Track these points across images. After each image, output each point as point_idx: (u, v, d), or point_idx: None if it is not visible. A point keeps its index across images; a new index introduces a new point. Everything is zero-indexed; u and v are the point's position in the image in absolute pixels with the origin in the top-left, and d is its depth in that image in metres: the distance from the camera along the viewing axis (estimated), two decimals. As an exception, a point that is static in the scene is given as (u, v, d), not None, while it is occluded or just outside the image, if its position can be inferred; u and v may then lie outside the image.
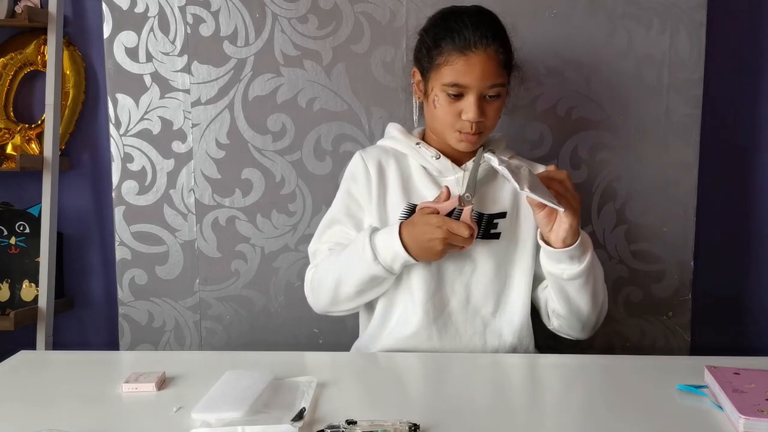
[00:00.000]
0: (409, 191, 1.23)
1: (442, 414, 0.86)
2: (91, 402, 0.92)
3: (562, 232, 1.10)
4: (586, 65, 1.52)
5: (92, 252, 1.89)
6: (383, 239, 1.13)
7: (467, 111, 1.15)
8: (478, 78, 1.14)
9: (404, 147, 1.26)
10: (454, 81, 1.15)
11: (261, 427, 0.80)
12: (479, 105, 1.16)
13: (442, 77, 1.16)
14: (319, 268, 1.23)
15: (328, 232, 1.27)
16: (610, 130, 1.53)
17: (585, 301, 1.17)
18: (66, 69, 1.81)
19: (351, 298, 1.19)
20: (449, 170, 1.23)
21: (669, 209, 1.54)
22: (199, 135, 1.54)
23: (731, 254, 1.79)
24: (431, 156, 1.23)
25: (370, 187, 1.24)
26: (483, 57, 1.14)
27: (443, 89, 1.17)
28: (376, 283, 1.17)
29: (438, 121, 1.21)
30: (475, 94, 1.15)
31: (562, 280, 1.15)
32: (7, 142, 1.82)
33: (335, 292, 1.19)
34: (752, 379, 0.91)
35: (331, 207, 1.30)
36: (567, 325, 1.24)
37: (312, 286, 1.25)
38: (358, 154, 1.28)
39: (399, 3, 1.50)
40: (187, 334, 1.59)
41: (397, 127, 1.30)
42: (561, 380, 1.01)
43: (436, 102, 1.19)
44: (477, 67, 1.14)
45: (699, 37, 1.50)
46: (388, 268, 1.13)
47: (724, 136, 1.73)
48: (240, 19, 1.51)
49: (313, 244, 1.29)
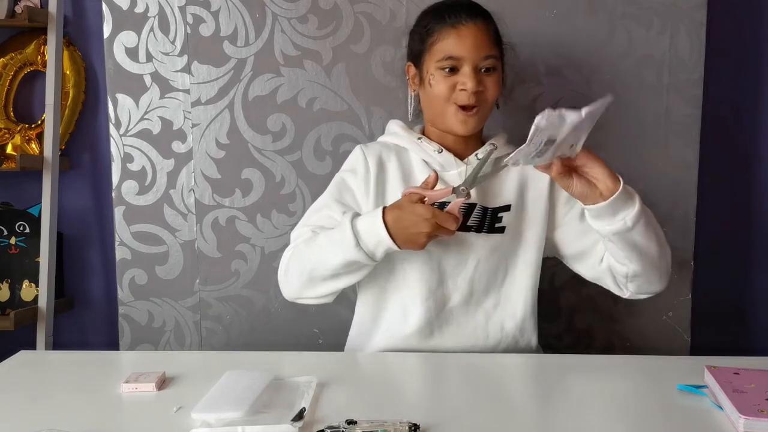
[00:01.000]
0: (410, 185, 1.22)
1: (442, 414, 0.87)
2: (91, 402, 0.92)
3: (605, 179, 1.05)
4: (586, 65, 1.52)
5: (92, 252, 1.89)
6: (366, 224, 1.08)
7: (465, 81, 1.15)
8: (471, 48, 1.15)
9: (406, 142, 1.25)
10: (448, 54, 1.15)
11: (261, 427, 0.80)
12: (476, 76, 1.15)
13: (436, 54, 1.17)
14: (296, 250, 1.18)
15: (314, 216, 1.23)
16: (610, 129, 1.53)
17: (654, 242, 1.11)
18: (66, 69, 1.81)
19: (324, 281, 1.14)
20: (452, 164, 1.22)
21: (669, 209, 1.54)
22: (199, 135, 1.54)
23: (731, 254, 1.79)
24: (434, 150, 1.22)
25: (368, 181, 1.22)
26: (473, 29, 1.16)
27: (438, 65, 1.16)
28: (355, 268, 1.12)
29: (435, 101, 1.19)
30: (471, 64, 1.15)
31: (628, 230, 1.07)
32: (7, 142, 1.83)
33: (309, 275, 1.14)
34: (752, 379, 0.91)
35: (325, 192, 1.26)
36: (646, 282, 1.16)
37: (286, 268, 1.19)
38: (358, 148, 1.27)
39: (399, 3, 1.50)
40: (187, 334, 1.59)
41: (398, 123, 1.29)
42: (561, 380, 1.01)
43: (431, 81, 1.18)
44: (469, 38, 1.15)
45: (699, 37, 1.50)
46: (371, 254, 1.08)
47: (724, 136, 1.73)
48: (240, 19, 1.51)
49: (297, 228, 1.24)
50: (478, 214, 1.20)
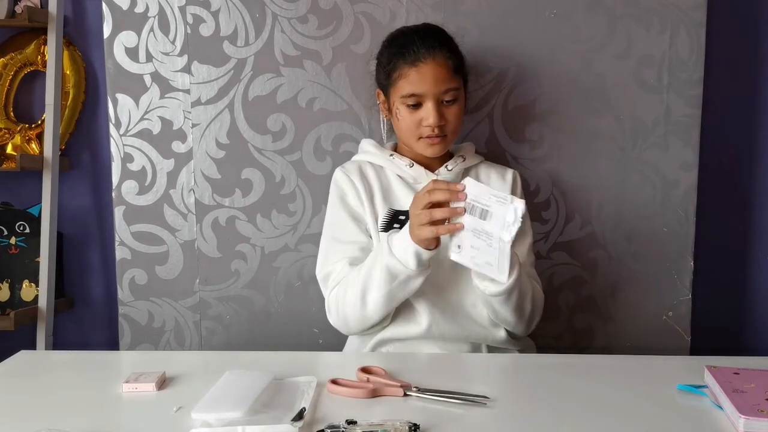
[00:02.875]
0: (390, 198, 1.29)
1: (442, 414, 0.87)
2: (91, 402, 0.92)
3: None
4: (586, 65, 1.52)
5: (92, 252, 1.89)
6: (396, 236, 1.15)
7: (427, 117, 1.22)
8: (431, 85, 1.22)
9: (380, 159, 1.33)
10: (410, 92, 1.23)
11: (261, 427, 0.80)
12: (438, 110, 1.23)
13: (400, 90, 1.24)
14: (339, 286, 1.22)
15: (333, 250, 1.27)
16: (610, 130, 1.53)
17: (509, 313, 1.18)
18: (66, 69, 1.81)
19: (379, 304, 1.17)
20: (423, 176, 1.29)
21: (669, 209, 1.54)
22: (199, 135, 1.54)
23: (731, 254, 1.79)
24: (405, 165, 1.30)
25: (359, 194, 1.29)
26: (432, 65, 1.22)
27: (402, 101, 1.24)
28: (400, 281, 1.14)
29: (403, 133, 1.28)
30: (432, 100, 1.22)
31: (485, 294, 1.15)
32: (7, 142, 1.83)
33: (362, 303, 1.17)
34: (752, 379, 0.91)
35: (326, 228, 1.32)
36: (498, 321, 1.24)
37: (337, 308, 1.23)
38: (338, 170, 1.34)
39: (399, 3, 1.50)
40: (187, 334, 1.59)
41: (370, 142, 1.37)
42: (561, 380, 1.01)
43: (398, 115, 1.26)
44: (428, 75, 1.22)
45: (699, 37, 1.50)
46: (403, 261, 1.11)
47: (724, 136, 1.73)
48: (240, 19, 1.51)
49: (322, 268, 1.28)
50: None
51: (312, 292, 1.56)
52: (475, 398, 0.90)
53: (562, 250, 1.55)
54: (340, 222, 1.29)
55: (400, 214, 1.27)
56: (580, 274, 1.56)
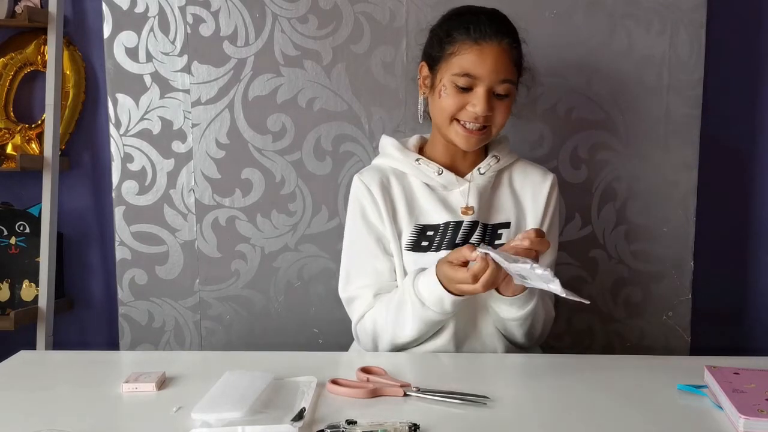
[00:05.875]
0: (415, 211, 1.21)
1: (442, 414, 0.87)
2: (91, 402, 0.92)
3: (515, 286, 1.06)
4: (586, 65, 1.52)
5: (92, 252, 1.89)
6: (425, 285, 1.09)
7: (476, 103, 1.12)
8: (490, 70, 1.12)
9: (403, 165, 1.23)
10: (465, 70, 1.12)
11: (261, 427, 0.80)
12: (488, 99, 1.13)
13: (453, 67, 1.13)
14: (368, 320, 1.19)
15: (355, 273, 1.22)
16: (610, 130, 1.53)
17: (520, 334, 1.17)
18: (66, 69, 1.81)
19: (412, 342, 1.16)
20: (454, 184, 1.20)
21: (669, 209, 1.54)
22: (199, 135, 1.54)
23: (731, 254, 1.79)
24: (433, 172, 1.20)
25: (378, 208, 1.20)
26: (497, 49, 1.12)
27: (453, 80, 1.13)
28: (435, 322, 1.13)
29: (441, 113, 1.16)
30: (485, 86, 1.12)
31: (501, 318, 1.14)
32: (7, 142, 1.82)
33: (394, 344, 1.17)
34: (752, 379, 0.91)
35: (347, 245, 1.24)
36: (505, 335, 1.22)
37: (366, 342, 1.21)
38: (357, 179, 1.24)
39: (399, 3, 1.50)
40: (187, 334, 1.59)
41: (392, 143, 1.25)
42: (561, 380, 1.01)
43: (442, 92, 1.15)
44: (490, 58, 1.11)
45: (699, 37, 1.50)
46: (440, 311, 1.09)
47: (724, 136, 1.73)
48: (240, 19, 1.51)
49: (344, 290, 1.23)
50: (479, 231, 1.20)
51: (312, 292, 1.56)
52: (475, 398, 0.90)
53: (562, 250, 1.55)
54: (360, 240, 1.22)
55: (427, 229, 1.20)
56: (580, 274, 1.56)
